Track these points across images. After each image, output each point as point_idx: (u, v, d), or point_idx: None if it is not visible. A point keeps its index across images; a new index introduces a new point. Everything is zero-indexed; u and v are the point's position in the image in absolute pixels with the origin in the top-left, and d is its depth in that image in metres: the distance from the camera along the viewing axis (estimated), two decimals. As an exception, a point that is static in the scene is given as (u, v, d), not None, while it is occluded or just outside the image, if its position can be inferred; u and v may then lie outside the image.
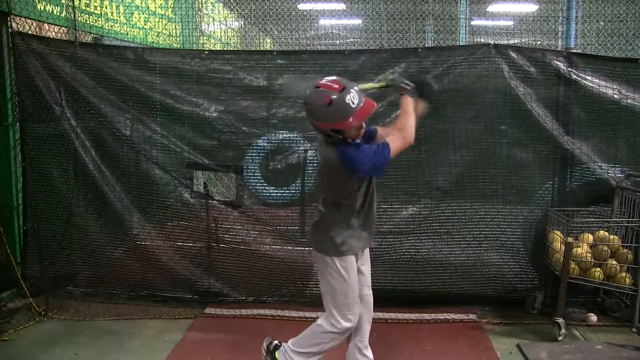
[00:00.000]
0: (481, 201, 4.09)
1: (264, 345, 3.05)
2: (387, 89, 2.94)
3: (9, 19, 4.12)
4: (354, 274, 2.86)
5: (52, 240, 4.32)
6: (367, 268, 3.03)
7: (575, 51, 4.31)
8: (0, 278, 4.23)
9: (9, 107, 4.29)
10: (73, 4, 4.78)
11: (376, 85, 2.95)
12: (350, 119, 2.57)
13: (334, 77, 2.65)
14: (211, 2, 6.42)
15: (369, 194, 2.83)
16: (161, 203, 4.31)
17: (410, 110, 2.77)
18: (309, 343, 2.91)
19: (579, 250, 3.74)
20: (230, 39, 7.62)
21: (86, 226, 4.31)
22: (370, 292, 3.06)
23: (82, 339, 3.74)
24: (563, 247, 3.64)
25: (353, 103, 2.56)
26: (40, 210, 4.30)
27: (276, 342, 3.03)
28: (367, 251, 3.02)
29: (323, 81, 2.62)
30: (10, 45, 4.17)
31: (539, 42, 6.42)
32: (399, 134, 2.70)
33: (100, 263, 4.35)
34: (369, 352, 3.07)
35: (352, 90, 2.58)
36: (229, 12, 7.21)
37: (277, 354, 2.98)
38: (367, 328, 3.06)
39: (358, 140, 2.71)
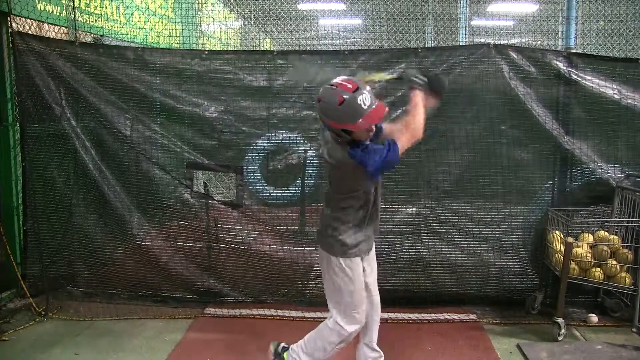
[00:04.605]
0: (481, 201, 4.09)
1: (271, 349, 3.03)
2: (399, 80, 2.91)
3: (9, 19, 4.12)
4: (359, 273, 2.84)
5: (52, 240, 4.32)
6: (373, 269, 3.01)
7: (575, 51, 4.30)
8: (0, 278, 4.23)
9: (9, 107, 4.29)
10: (73, 4, 4.78)
11: (387, 76, 2.94)
12: (360, 121, 2.55)
13: (348, 77, 2.65)
14: (211, 2, 6.41)
15: (376, 193, 2.81)
16: (161, 203, 4.32)
17: (419, 105, 2.68)
18: (316, 346, 2.89)
19: (579, 250, 3.75)
20: (230, 39, 7.62)
21: (86, 226, 4.31)
22: (377, 293, 3.04)
23: (82, 339, 3.74)
24: (563, 247, 3.64)
25: (364, 105, 2.53)
26: (40, 210, 4.30)
27: (283, 344, 3.02)
28: (373, 252, 2.99)
29: (338, 80, 2.60)
30: (10, 45, 4.17)
31: (539, 42, 6.41)
32: (407, 130, 2.64)
33: (100, 263, 4.35)
34: (378, 349, 3.09)
35: (364, 91, 2.55)
36: (229, 12, 7.21)
37: (285, 355, 2.96)
38: (375, 329, 3.05)
39: (367, 142, 2.68)
